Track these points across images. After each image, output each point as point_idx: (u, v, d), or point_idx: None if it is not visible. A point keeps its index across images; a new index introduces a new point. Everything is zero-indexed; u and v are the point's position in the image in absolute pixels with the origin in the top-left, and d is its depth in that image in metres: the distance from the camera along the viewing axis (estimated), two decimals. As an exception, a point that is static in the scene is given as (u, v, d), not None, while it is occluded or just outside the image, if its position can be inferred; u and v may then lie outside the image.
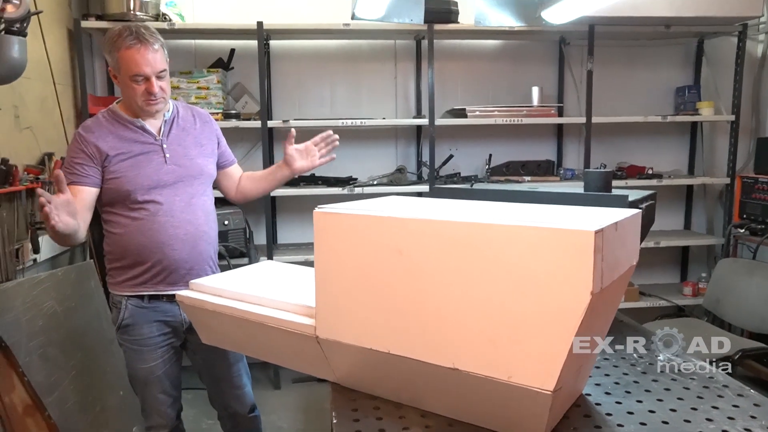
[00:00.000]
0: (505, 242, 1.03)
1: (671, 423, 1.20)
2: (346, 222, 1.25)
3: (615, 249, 1.05)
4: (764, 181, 3.27)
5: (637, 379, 1.42)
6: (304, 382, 3.52)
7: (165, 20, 3.17)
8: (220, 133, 2.04)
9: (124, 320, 1.87)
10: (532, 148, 3.89)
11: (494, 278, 1.05)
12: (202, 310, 1.60)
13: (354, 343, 1.27)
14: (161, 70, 1.75)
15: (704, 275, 3.84)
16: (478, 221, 1.07)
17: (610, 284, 1.05)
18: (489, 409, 1.16)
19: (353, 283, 1.25)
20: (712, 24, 3.56)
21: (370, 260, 1.21)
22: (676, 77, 3.99)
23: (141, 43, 1.70)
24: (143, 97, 1.75)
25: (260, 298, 1.51)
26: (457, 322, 1.11)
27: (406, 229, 1.15)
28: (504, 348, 1.06)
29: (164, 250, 1.81)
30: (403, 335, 1.19)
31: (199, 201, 1.89)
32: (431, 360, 1.16)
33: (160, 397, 1.89)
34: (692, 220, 4.12)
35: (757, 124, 4.01)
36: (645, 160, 3.89)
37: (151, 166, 1.80)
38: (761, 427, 1.18)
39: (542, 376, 1.03)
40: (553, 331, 1.01)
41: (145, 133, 1.83)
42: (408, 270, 1.16)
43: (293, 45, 3.67)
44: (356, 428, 1.21)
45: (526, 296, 1.02)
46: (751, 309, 2.83)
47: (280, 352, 1.53)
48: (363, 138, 3.76)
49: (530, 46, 3.84)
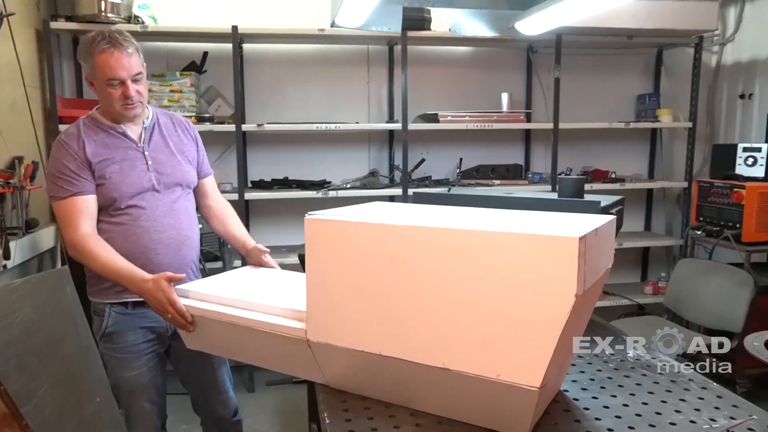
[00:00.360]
0: (494, 248, 1.10)
1: (644, 416, 1.29)
2: (338, 228, 1.29)
3: (595, 253, 1.13)
4: (719, 185, 3.45)
5: (610, 376, 1.51)
6: (278, 385, 3.53)
7: (138, 23, 3.14)
8: (200, 141, 2.04)
9: (107, 328, 1.86)
10: (501, 153, 4.00)
11: (483, 282, 1.11)
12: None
13: (346, 346, 1.32)
14: (136, 73, 1.75)
15: (663, 275, 4.02)
16: (468, 228, 1.13)
17: (590, 286, 1.12)
18: (478, 407, 1.22)
19: (345, 287, 1.29)
20: (671, 36, 3.74)
21: (362, 265, 1.26)
22: (637, 85, 4.17)
23: (115, 48, 1.70)
24: (120, 101, 1.74)
25: (248, 303, 1.53)
26: (448, 323, 1.17)
27: (398, 236, 1.21)
28: (493, 348, 1.13)
29: (148, 255, 1.81)
30: (395, 337, 1.24)
31: (181, 206, 1.90)
32: (422, 361, 1.22)
33: (146, 405, 1.88)
34: (652, 222, 4.31)
35: (712, 131, 4.22)
36: (608, 164, 4.05)
37: (135, 173, 1.80)
38: (724, 417, 1.28)
39: (529, 374, 1.10)
40: (539, 332, 1.07)
41: (127, 139, 1.82)
42: (399, 274, 1.21)
43: (266, 48, 3.68)
44: (349, 428, 1.26)
45: (514, 299, 1.09)
46: (709, 307, 2.98)
47: (269, 355, 1.56)
48: (336, 141, 3.80)
49: (500, 53, 3.95)
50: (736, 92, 4.02)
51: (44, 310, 2.17)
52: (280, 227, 3.76)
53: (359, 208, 1.52)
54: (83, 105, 3.28)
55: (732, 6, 3.99)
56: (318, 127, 3.41)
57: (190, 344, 1.73)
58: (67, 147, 1.76)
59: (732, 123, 4.06)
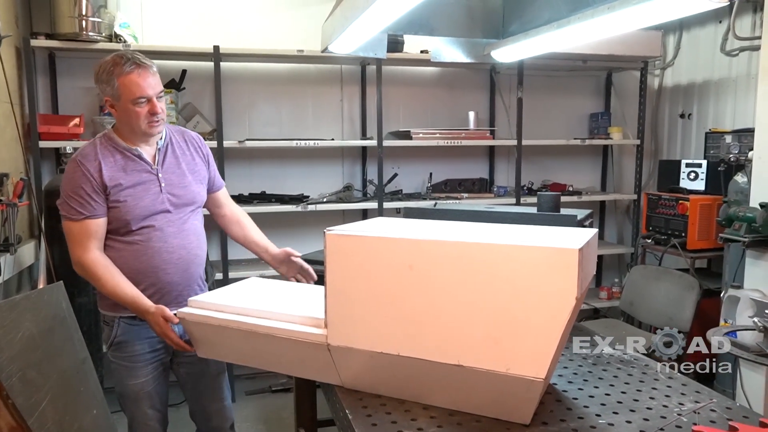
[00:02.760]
0: (504, 258, 1.28)
1: (624, 402, 1.49)
2: (359, 243, 1.44)
3: (587, 261, 1.33)
4: (666, 198, 3.79)
5: (590, 370, 1.72)
6: (257, 394, 3.61)
7: (119, 41, 3.19)
8: (211, 156, 2.09)
9: (116, 338, 1.92)
10: (467, 167, 4.23)
11: (494, 288, 1.29)
12: (206, 326, 1.72)
13: (366, 348, 1.46)
14: (160, 91, 1.83)
15: (617, 280, 4.34)
16: (481, 241, 1.31)
17: (580, 298, 1.32)
18: (486, 399, 1.39)
19: (364, 295, 1.45)
20: (619, 61, 4.09)
21: (382, 275, 1.42)
22: (589, 105, 4.50)
23: (140, 68, 1.77)
24: (146, 120, 1.80)
25: (265, 312, 1.66)
26: (462, 325, 1.34)
27: (417, 248, 1.37)
28: (503, 346, 1.30)
29: (158, 274, 1.88)
30: (413, 338, 1.40)
31: (191, 226, 1.97)
32: (438, 359, 1.38)
33: (149, 413, 1.95)
34: (604, 232, 4.63)
35: (656, 147, 4.60)
36: (565, 178, 4.35)
37: (149, 197, 1.86)
38: (690, 401, 1.50)
39: (535, 367, 1.28)
40: (544, 330, 1.26)
41: (142, 161, 1.88)
42: (417, 282, 1.38)
43: (242, 67, 3.78)
44: (371, 422, 1.41)
45: (521, 302, 1.27)
46: (660, 309, 3.26)
47: (285, 361, 1.68)
48: (312, 157, 3.93)
49: (465, 74, 4.19)
50: (677, 112, 4.41)
51: (43, 325, 2.21)
52: (258, 240, 3.84)
53: (371, 223, 1.68)
54: (60, 121, 3.29)
55: (671, 34, 4.38)
56: (297, 144, 3.54)
57: (202, 353, 1.82)
58: (83, 169, 1.80)
59: (674, 140, 4.44)
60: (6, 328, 2.01)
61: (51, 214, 2.91)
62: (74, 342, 2.34)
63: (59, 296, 2.33)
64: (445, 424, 1.38)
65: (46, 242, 2.88)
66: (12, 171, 2.79)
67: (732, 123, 3.86)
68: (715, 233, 3.48)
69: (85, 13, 3.08)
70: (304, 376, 1.74)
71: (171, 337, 1.79)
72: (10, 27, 3.00)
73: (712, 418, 1.40)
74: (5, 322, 2.01)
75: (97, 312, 3.02)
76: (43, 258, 2.87)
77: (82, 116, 3.32)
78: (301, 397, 2.35)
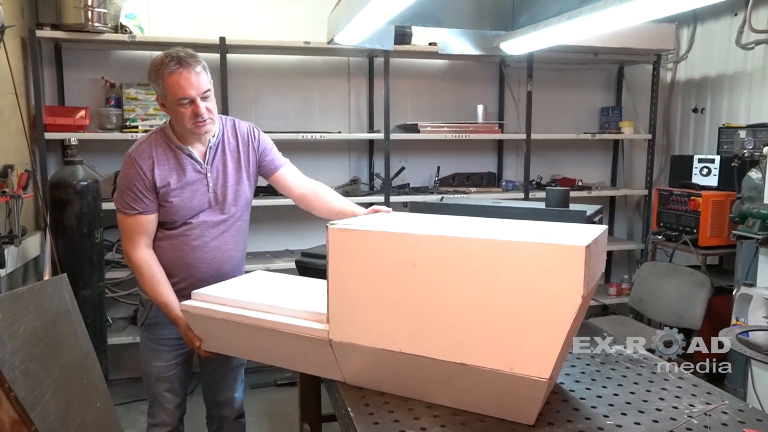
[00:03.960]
0: (509, 255, 1.24)
1: (633, 403, 1.46)
2: (362, 238, 1.42)
3: (594, 259, 1.29)
4: (678, 193, 3.72)
5: (598, 369, 1.68)
6: (262, 388, 3.60)
7: (125, 32, 3.17)
8: (265, 145, 2.03)
9: (148, 319, 1.98)
10: (475, 161, 4.19)
11: (498, 285, 1.26)
12: (209, 319, 1.71)
13: (367, 345, 1.44)
14: (205, 90, 1.78)
15: (626, 277, 4.28)
16: (485, 237, 1.28)
17: (587, 297, 1.28)
18: (490, 398, 1.36)
19: (367, 291, 1.42)
20: (632, 54, 4.01)
21: (384, 271, 1.39)
22: (600, 99, 4.43)
23: (183, 67, 1.74)
24: (192, 120, 1.78)
25: (268, 306, 1.64)
26: (465, 323, 1.31)
27: (420, 244, 1.34)
28: (507, 344, 1.27)
29: (191, 270, 1.91)
30: (415, 336, 1.37)
31: (231, 226, 1.96)
32: (441, 357, 1.35)
33: (166, 395, 2.00)
34: (614, 228, 4.58)
35: (668, 142, 4.52)
36: (575, 173, 4.29)
37: (197, 198, 1.88)
38: (701, 402, 1.46)
39: (540, 367, 1.25)
40: (549, 329, 1.22)
41: (193, 161, 1.88)
42: (420, 279, 1.34)
43: (249, 59, 3.75)
44: (373, 420, 1.38)
45: (526, 300, 1.24)
46: (670, 306, 3.21)
47: (287, 355, 1.66)
48: (319, 150, 3.90)
49: (474, 66, 4.14)
50: (690, 106, 4.33)
51: (46, 318, 2.20)
52: (265, 234, 3.83)
53: (374, 218, 1.65)
54: (66, 112, 3.28)
55: (685, 27, 4.30)
56: (303, 137, 3.51)
57: (207, 346, 1.81)
58: (138, 167, 1.82)
59: (687, 135, 4.37)
60: (9, 321, 2.00)
61: (56, 206, 2.90)
62: (78, 335, 2.33)
63: (63, 289, 2.32)
64: (448, 423, 1.35)
65: (51, 234, 2.87)
66: (17, 163, 2.78)
67: (746, 118, 3.78)
68: (727, 230, 3.42)
69: (90, 3, 3.05)
70: (307, 372, 1.72)
71: (197, 349, 1.85)
72: (15, 17, 2.99)
73: (724, 421, 1.36)
74: (8, 314, 2.00)
75: (100, 305, 3.06)
76: (49, 250, 2.86)
77: (87, 108, 3.31)
78: (306, 392, 2.33)
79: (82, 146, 3.10)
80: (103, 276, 3.11)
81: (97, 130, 3.36)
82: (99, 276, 3.05)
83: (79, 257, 2.93)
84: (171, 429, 2.03)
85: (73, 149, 2.94)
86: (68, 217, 2.89)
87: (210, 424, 2.21)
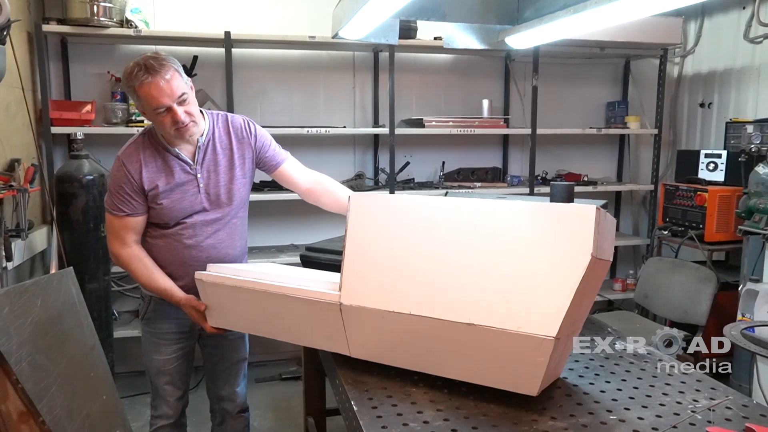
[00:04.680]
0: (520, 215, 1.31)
1: (636, 398, 1.46)
2: (381, 202, 1.51)
3: (603, 233, 1.30)
4: (684, 188, 3.71)
5: (602, 364, 1.68)
6: (266, 382, 3.62)
7: (130, 27, 3.18)
8: (263, 139, 2.00)
9: (147, 313, 2.00)
10: (480, 156, 4.18)
11: (510, 246, 1.31)
12: (222, 287, 1.72)
13: (378, 307, 1.46)
14: (180, 95, 1.72)
15: (631, 272, 4.27)
16: (498, 200, 1.31)
17: (596, 265, 1.28)
18: (496, 365, 1.36)
19: (381, 255, 1.48)
20: (638, 48, 3.99)
21: (400, 234, 1.46)
22: (606, 93, 4.41)
23: (152, 76, 1.68)
24: (173, 127, 1.75)
25: (281, 276, 1.66)
26: (475, 283, 1.34)
27: (437, 207, 1.42)
28: (515, 303, 1.29)
29: (186, 269, 1.91)
30: (425, 298, 1.40)
31: (227, 225, 1.95)
32: (450, 317, 1.36)
33: (167, 388, 2.02)
34: (620, 223, 4.56)
35: (675, 137, 4.50)
36: (580, 168, 4.27)
37: (187, 199, 1.87)
38: (705, 398, 1.46)
39: (546, 326, 1.26)
40: (558, 287, 1.25)
41: (181, 162, 1.86)
42: (433, 242, 1.40)
43: (254, 53, 3.74)
44: (377, 414, 1.39)
45: (537, 260, 1.27)
46: (675, 302, 3.20)
47: (295, 327, 1.67)
48: (324, 145, 3.90)
49: (479, 61, 4.12)
50: (697, 101, 4.30)
51: (52, 310, 2.22)
52: (270, 228, 3.84)
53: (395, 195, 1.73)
54: (72, 107, 3.29)
55: (692, 21, 4.26)
56: (308, 131, 3.51)
57: (214, 321, 1.83)
58: (125, 170, 1.81)
59: (693, 129, 4.34)
60: (16, 314, 2.02)
61: (62, 200, 2.92)
62: (84, 328, 2.35)
63: (69, 282, 2.34)
64: (451, 417, 1.36)
65: (57, 228, 2.89)
66: (24, 157, 2.79)
67: (754, 112, 3.75)
68: (734, 225, 3.41)
69: (96, -3, 3.06)
70: (312, 345, 1.73)
71: (203, 325, 1.87)
72: (21, 12, 3.00)
73: (728, 416, 1.36)
74: (15, 307, 2.02)
75: (106, 298, 3.08)
76: (55, 244, 2.88)
77: (93, 102, 3.32)
78: (311, 386, 2.35)
79: (88, 140, 3.11)
80: (109, 269, 3.13)
81: (103, 125, 3.37)
82: (105, 269, 3.07)
83: (85, 251, 2.95)
84: (173, 421, 2.04)
85: (79, 143, 2.95)
86: (74, 210, 2.90)
87: (213, 418, 2.23)
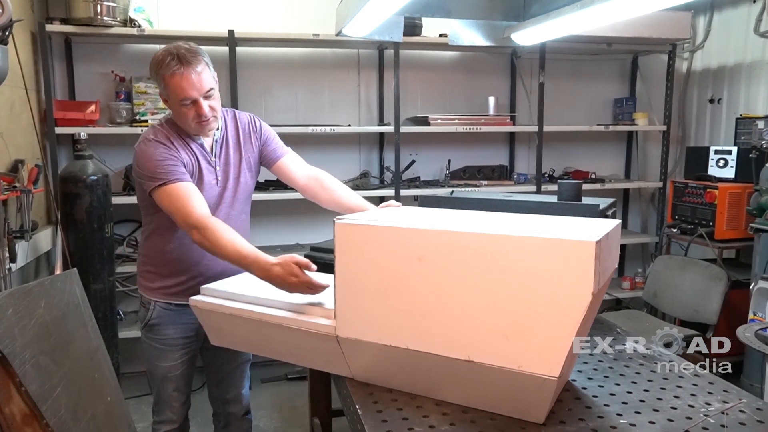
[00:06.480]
0: (518, 250, 1.21)
1: (647, 401, 1.42)
2: (369, 232, 1.39)
3: (606, 255, 1.25)
4: (694, 186, 3.66)
5: (611, 366, 1.65)
6: (272, 382, 3.61)
7: (134, 26, 3.16)
8: (268, 134, 2.00)
9: (151, 320, 1.96)
10: (486, 154, 4.14)
11: (506, 281, 1.23)
12: (218, 314, 1.70)
13: (374, 341, 1.42)
14: (208, 90, 1.72)
15: (640, 270, 4.22)
16: (492, 232, 1.25)
17: (598, 294, 1.24)
18: (498, 396, 1.33)
19: (373, 287, 1.40)
20: (646, 44, 3.94)
21: (391, 266, 1.36)
22: (614, 89, 4.36)
23: (184, 67, 1.67)
24: (195, 120, 1.74)
25: (275, 302, 1.62)
26: (473, 319, 1.28)
27: (427, 239, 1.31)
28: (515, 341, 1.24)
29: (200, 268, 1.89)
30: (422, 332, 1.35)
31: (237, 220, 1.93)
32: (448, 354, 1.32)
33: (173, 394, 1.99)
34: (628, 221, 4.51)
35: (684, 134, 4.44)
36: (588, 165, 4.23)
37: (207, 188, 1.85)
38: (717, 401, 1.42)
39: (548, 365, 1.21)
40: (558, 326, 1.19)
41: (206, 152, 1.85)
42: (426, 274, 1.32)
43: (258, 51, 3.73)
44: (381, 418, 1.36)
45: (535, 296, 1.20)
46: (685, 300, 3.17)
47: (294, 351, 1.65)
48: (329, 143, 3.88)
49: (485, 58, 4.09)
50: (706, 97, 4.24)
51: (56, 312, 2.21)
52: (275, 228, 3.83)
53: (381, 213, 1.63)
54: (76, 107, 3.29)
55: (701, 15, 4.21)
56: (313, 130, 3.49)
57: (214, 340, 1.81)
58: (164, 145, 1.76)
59: (702, 126, 4.29)
60: (19, 315, 2.01)
61: (67, 200, 2.91)
62: (88, 329, 2.34)
63: (73, 283, 2.33)
64: (458, 421, 1.33)
65: (62, 229, 2.88)
66: (28, 157, 2.79)
67: (765, 108, 3.70)
68: (744, 223, 3.36)
69: (99, -3, 3.05)
70: (315, 367, 1.71)
71: (313, 283, 1.59)
72: (25, 12, 2.99)
73: (741, 420, 1.33)
74: (18, 308, 2.01)
75: (111, 299, 3.07)
76: (60, 244, 2.88)
77: (98, 102, 3.31)
78: (316, 386, 2.32)
79: (92, 140, 3.10)
80: (114, 270, 3.12)
81: (107, 125, 3.36)
82: (110, 270, 3.06)
83: (90, 251, 2.94)
84: (177, 426, 2.02)
85: (83, 143, 2.94)
86: (78, 211, 2.89)
87: (217, 422, 2.21)
